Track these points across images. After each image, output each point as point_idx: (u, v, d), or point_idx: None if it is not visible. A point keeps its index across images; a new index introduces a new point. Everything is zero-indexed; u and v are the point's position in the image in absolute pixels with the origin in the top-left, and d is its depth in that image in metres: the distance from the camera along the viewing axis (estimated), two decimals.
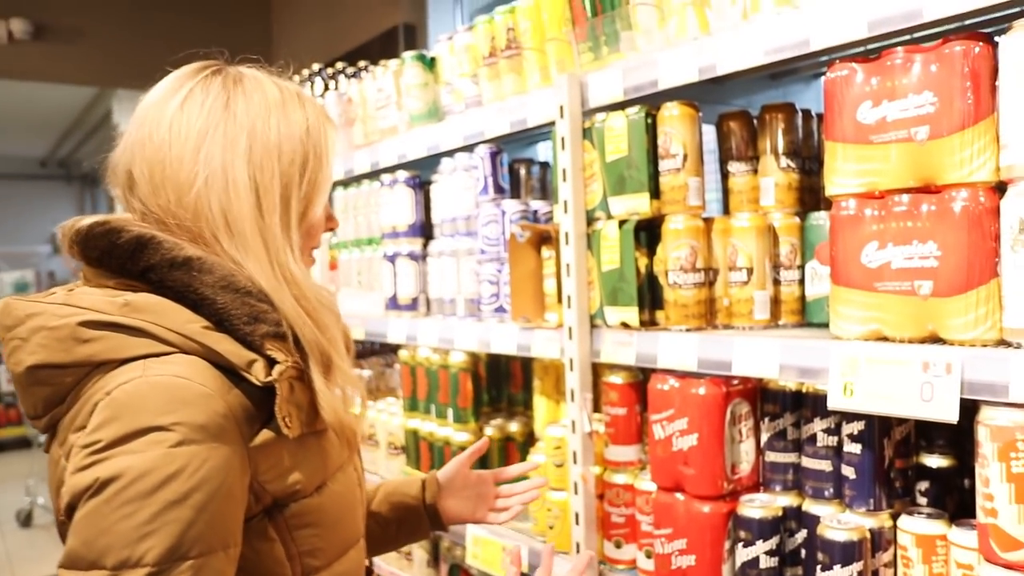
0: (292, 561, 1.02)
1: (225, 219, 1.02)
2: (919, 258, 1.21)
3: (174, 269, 0.97)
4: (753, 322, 1.56)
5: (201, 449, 0.89)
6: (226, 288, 0.97)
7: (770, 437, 1.54)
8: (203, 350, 0.95)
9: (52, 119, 9.95)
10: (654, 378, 1.62)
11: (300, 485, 1.01)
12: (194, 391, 0.91)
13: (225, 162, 1.03)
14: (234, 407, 0.94)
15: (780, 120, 1.61)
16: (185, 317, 0.96)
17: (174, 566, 0.85)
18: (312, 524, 1.03)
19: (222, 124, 1.04)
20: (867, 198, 1.29)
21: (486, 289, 2.08)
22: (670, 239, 1.59)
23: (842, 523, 1.37)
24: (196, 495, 0.87)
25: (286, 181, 1.06)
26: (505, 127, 1.97)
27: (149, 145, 1.04)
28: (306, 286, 1.06)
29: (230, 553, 0.92)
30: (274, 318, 0.99)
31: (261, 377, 0.95)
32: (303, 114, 1.10)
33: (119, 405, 0.89)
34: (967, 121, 1.16)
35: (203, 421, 0.90)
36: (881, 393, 1.22)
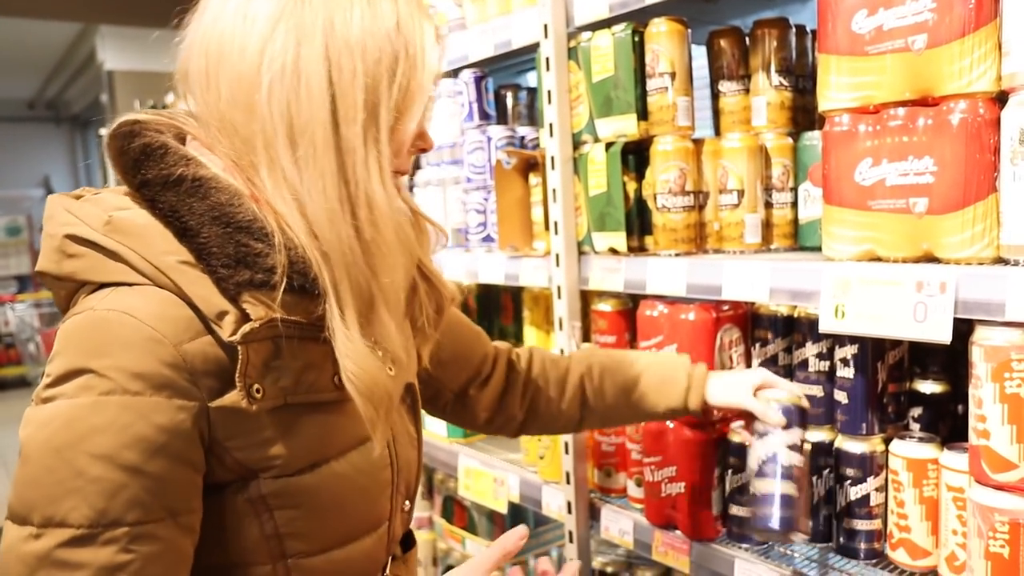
0: (269, 541, 0.89)
1: (290, 125, 0.86)
2: (915, 174, 1.17)
3: (166, 189, 0.85)
4: (744, 246, 1.52)
5: (136, 401, 0.78)
6: (217, 220, 0.84)
7: (761, 363, 1.52)
8: (174, 287, 0.82)
9: (37, 58, 9.75)
10: (643, 304, 1.58)
11: (280, 460, 0.87)
12: (139, 332, 0.79)
13: (298, 57, 0.85)
14: (191, 356, 0.81)
15: (773, 36, 1.54)
16: (165, 247, 0.84)
17: (105, 531, 0.76)
18: (298, 505, 0.90)
19: (297, 11, 0.87)
20: (861, 113, 1.23)
21: (473, 218, 2.03)
22: (658, 161, 1.54)
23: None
24: (127, 453, 0.77)
25: (371, 84, 0.87)
26: (489, 50, 1.90)
27: (210, 31, 0.89)
28: (383, 214, 0.88)
29: (181, 521, 0.81)
30: (267, 264, 0.84)
31: (227, 334, 0.82)
32: (393, 6, 0.91)
33: (66, 338, 0.82)
34: (967, 27, 1.10)
35: (142, 369, 0.78)
36: (873, 314, 1.19)
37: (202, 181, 0.86)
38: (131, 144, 0.87)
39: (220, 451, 0.84)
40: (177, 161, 0.86)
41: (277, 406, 0.86)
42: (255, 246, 0.84)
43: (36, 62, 9.91)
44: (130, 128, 0.89)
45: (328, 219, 0.86)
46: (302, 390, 0.89)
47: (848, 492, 1.38)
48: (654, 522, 1.61)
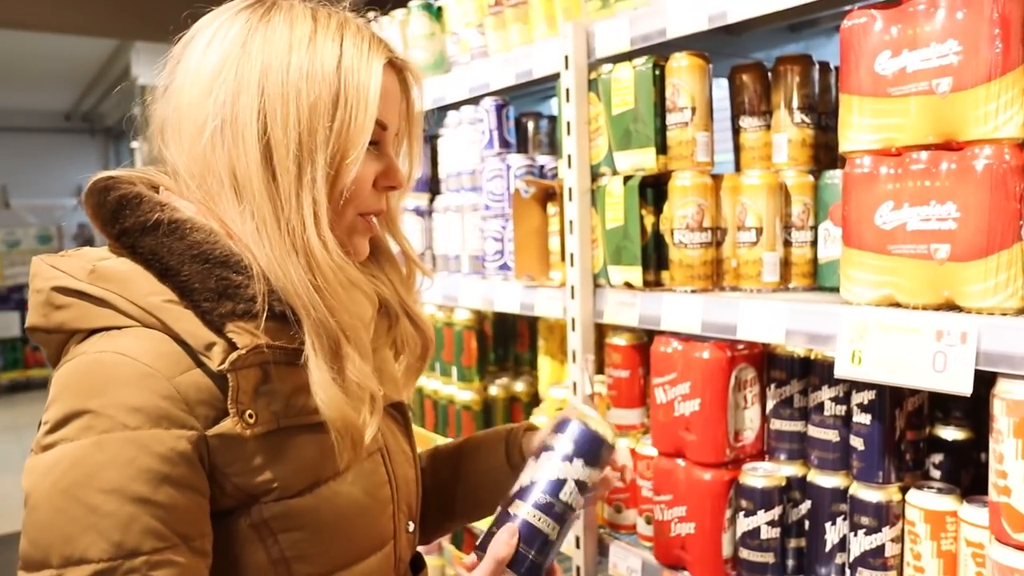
0: (276, 565, 0.91)
1: (233, 175, 0.89)
2: (936, 220, 1.14)
3: (144, 234, 0.88)
4: (762, 284, 1.49)
5: (136, 435, 0.80)
6: (196, 258, 0.87)
7: (776, 404, 1.49)
8: (161, 325, 0.86)
9: (74, 72, 9.96)
10: (657, 340, 1.56)
11: (278, 484, 0.89)
12: (133, 370, 0.82)
13: (235, 109, 0.89)
14: (185, 389, 0.84)
15: (795, 73, 1.52)
16: (148, 288, 0.87)
17: (125, 562, 0.77)
18: (302, 527, 0.91)
19: (235, 64, 0.90)
20: (883, 155, 1.21)
21: (490, 246, 2.02)
22: (676, 196, 1.52)
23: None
24: (135, 485, 0.79)
25: (305, 131, 0.89)
26: (511, 78, 1.90)
27: (172, 87, 0.94)
28: (322, 259, 0.90)
29: (194, 545, 0.84)
30: (248, 294, 0.87)
31: (216, 363, 0.85)
32: (336, 49, 0.92)
33: (60, 385, 0.84)
34: (994, 72, 1.07)
35: (139, 403, 0.81)
36: (891, 361, 1.16)
37: (178, 223, 0.89)
38: (107, 198, 0.91)
39: (220, 478, 0.87)
40: (152, 208, 0.89)
41: (271, 430, 0.89)
42: (235, 278, 0.88)
43: (73, 76, 10.13)
44: (104, 183, 0.92)
45: (279, 264, 0.89)
46: (293, 413, 0.91)
47: (862, 542, 1.34)
48: (662, 561, 1.57)
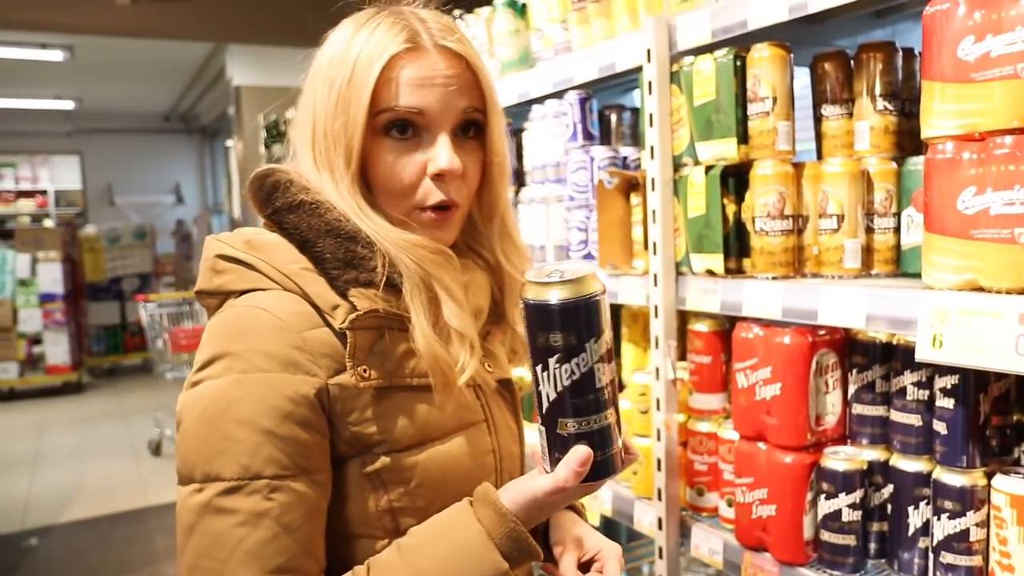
0: (383, 515, 1.00)
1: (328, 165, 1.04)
2: (1020, 204, 1.14)
3: (290, 212, 1.02)
4: (843, 271, 1.51)
5: (268, 377, 0.92)
6: (330, 232, 1.00)
7: (857, 389, 1.50)
8: (297, 288, 0.98)
9: (173, 75, 10.41)
10: (739, 326, 1.59)
11: (390, 437, 0.99)
12: (269, 322, 0.95)
13: (305, 104, 1.06)
14: (312, 342, 0.96)
15: (878, 60, 1.53)
16: (290, 257, 1.00)
17: (250, 482, 0.90)
18: (409, 481, 1.00)
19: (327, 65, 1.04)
20: (966, 140, 1.21)
21: (575, 236, 2.08)
22: (758, 185, 1.55)
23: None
24: (262, 419, 0.91)
25: (322, 115, 1.03)
26: (593, 72, 1.95)
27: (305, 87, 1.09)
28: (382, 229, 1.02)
29: (315, 478, 0.94)
30: (371, 265, 0.99)
31: (339, 322, 0.97)
32: (345, 35, 1.04)
33: (212, 331, 0.98)
34: None
35: (272, 350, 0.93)
36: (973, 346, 1.17)
37: (317, 204, 1.02)
38: (265, 182, 1.06)
39: (339, 424, 0.97)
40: (298, 191, 1.03)
41: (383, 386, 0.99)
42: (360, 252, 1.00)
43: (172, 78, 10.59)
44: (266, 171, 1.07)
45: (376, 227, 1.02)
46: (404, 374, 1.01)
47: (946, 526, 1.35)
48: (744, 543, 1.61)
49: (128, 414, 7.68)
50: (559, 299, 0.86)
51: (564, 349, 0.87)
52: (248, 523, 0.89)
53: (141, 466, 6.02)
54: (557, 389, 0.89)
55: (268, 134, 5.56)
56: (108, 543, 4.63)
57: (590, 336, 0.87)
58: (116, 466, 6.05)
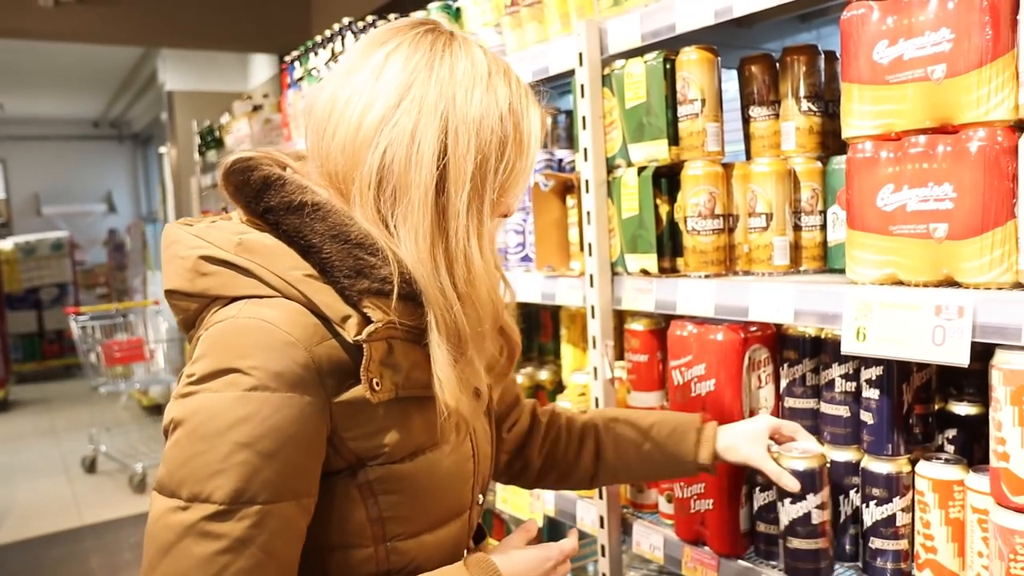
0: (373, 524, 1.00)
1: (396, 182, 0.97)
2: (934, 200, 1.19)
3: (289, 213, 0.97)
4: (773, 268, 1.55)
5: (274, 397, 0.89)
6: (336, 238, 0.96)
7: (789, 383, 1.54)
8: (302, 298, 0.94)
9: (102, 80, 10.15)
10: (673, 324, 1.62)
11: (388, 448, 0.98)
12: (277, 337, 0.91)
13: (417, 125, 0.97)
14: (320, 358, 0.92)
15: (802, 62, 1.57)
16: (291, 263, 0.96)
17: (241, 508, 0.87)
18: (399, 491, 1.00)
19: (424, 84, 0.98)
20: (883, 140, 1.26)
21: (512, 239, 2.09)
22: (689, 185, 1.58)
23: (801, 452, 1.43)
24: (265, 441, 0.88)
25: (481, 159, 0.99)
26: (527, 76, 1.96)
27: (344, 80, 1.01)
28: (479, 275, 1.00)
29: (302, 503, 0.92)
30: (381, 274, 0.96)
31: (352, 334, 0.93)
32: (507, 91, 1.02)
33: (211, 342, 0.93)
34: (985, 58, 1.13)
35: (279, 368, 0.90)
36: (894, 337, 1.21)
37: (319, 205, 0.98)
38: (251, 177, 0.99)
39: (338, 441, 0.96)
40: (295, 190, 0.98)
41: (391, 399, 0.97)
42: (370, 259, 0.96)
43: (101, 83, 10.32)
44: (245, 164, 1.01)
45: (420, 266, 0.97)
46: (410, 385, 0.99)
47: (874, 512, 1.39)
48: (683, 538, 1.64)
49: (59, 431, 7.44)
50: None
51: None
52: (232, 550, 0.86)
53: (74, 485, 5.84)
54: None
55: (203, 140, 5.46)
56: (41, 566, 4.48)
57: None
58: (48, 486, 5.86)
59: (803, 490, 1.40)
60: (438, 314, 0.98)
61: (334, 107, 1.01)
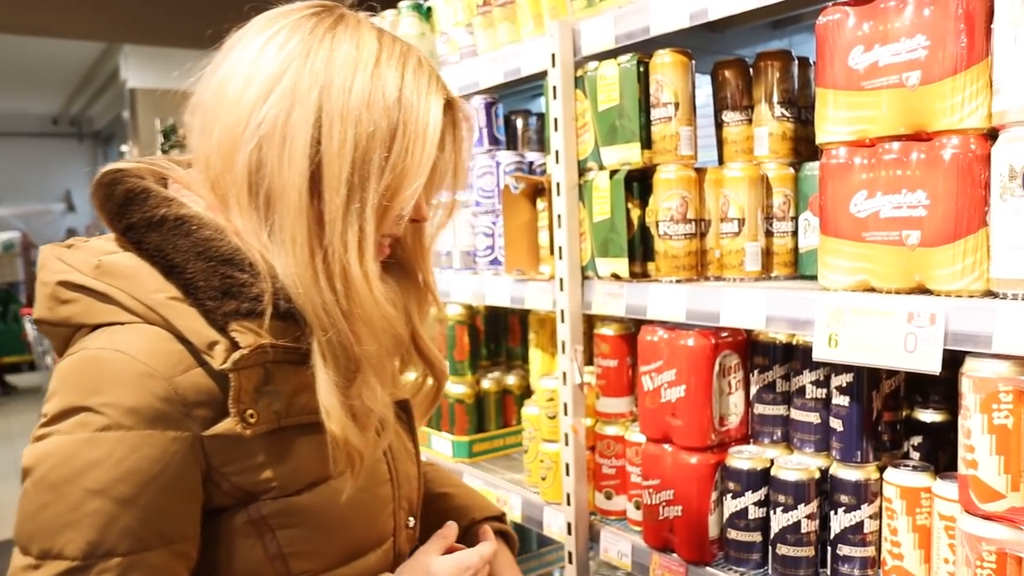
0: (274, 561, 0.91)
1: (267, 185, 0.88)
2: (908, 207, 1.19)
3: (150, 230, 0.88)
4: (744, 273, 1.54)
5: (130, 435, 0.80)
6: (201, 255, 0.87)
7: (759, 389, 1.54)
8: (165, 323, 0.85)
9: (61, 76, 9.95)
10: (643, 330, 1.61)
11: (277, 482, 0.89)
12: (132, 369, 0.82)
13: (287, 120, 0.87)
14: (184, 389, 0.83)
15: (775, 68, 1.57)
16: (154, 285, 0.86)
17: (98, 562, 0.78)
18: (300, 525, 0.91)
19: (296, 73, 0.88)
20: (857, 146, 1.26)
21: (481, 241, 2.06)
22: (661, 189, 1.57)
23: (793, 464, 1.42)
24: (121, 487, 0.79)
25: (360, 157, 0.88)
26: (499, 77, 1.94)
27: (222, 74, 0.92)
28: (361, 289, 0.89)
29: (176, 549, 0.84)
30: (252, 293, 0.87)
31: (218, 362, 0.84)
32: (398, 79, 0.91)
33: (62, 378, 0.84)
34: (959, 65, 1.13)
35: (135, 404, 0.81)
36: (866, 344, 1.21)
37: (184, 219, 0.88)
38: (115, 191, 0.90)
39: (218, 477, 0.87)
40: (159, 203, 0.89)
41: (272, 429, 0.88)
42: (239, 276, 0.87)
43: (61, 79, 10.12)
44: (112, 177, 0.92)
45: (298, 280, 0.88)
46: (295, 412, 0.91)
47: (842, 519, 1.39)
48: (652, 544, 1.62)
49: (15, 436, 7.26)
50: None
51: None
52: None
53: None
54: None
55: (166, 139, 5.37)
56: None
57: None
58: (4, 491, 5.69)
59: (795, 500, 1.41)
60: (321, 335, 0.88)
61: (211, 105, 0.92)
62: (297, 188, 0.87)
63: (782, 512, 1.43)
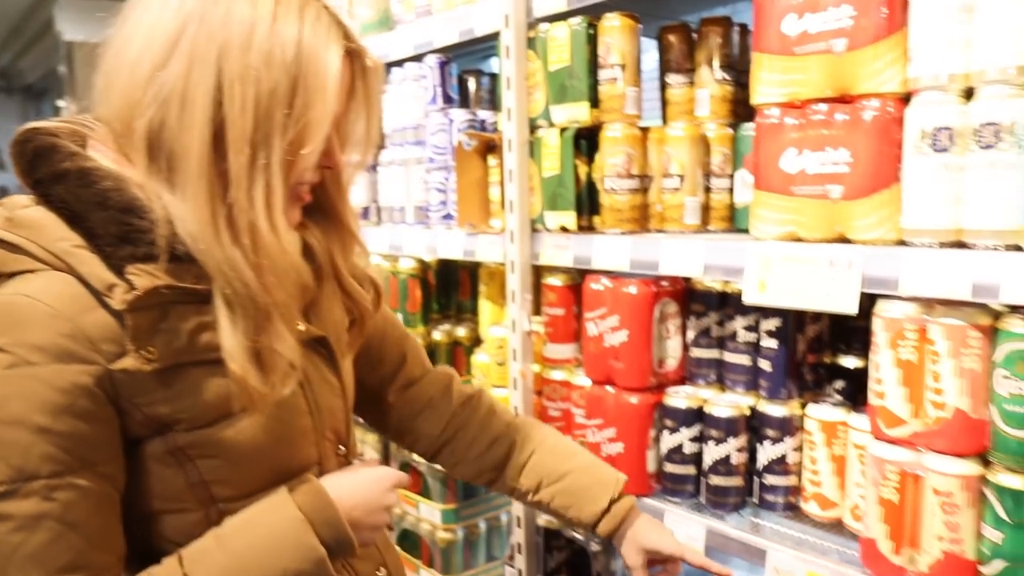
0: (196, 488, 0.97)
1: (169, 147, 0.91)
2: (832, 164, 1.30)
3: (55, 183, 0.92)
4: (684, 227, 1.65)
5: (39, 371, 0.86)
6: (100, 205, 0.91)
7: (695, 334, 1.65)
8: (69, 269, 0.90)
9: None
10: (588, 279, 1.71)
11: (187, 415, 0.94)
12: (36, 311, 0.87)
13: (187, 84, 0.89)
14: (87, 328, 0.88)
15: (717, 34, 1.67)
16: (59, 234, 0.91)
17: (24, 484, 0.85)
18: (215, 455, 0.97)
19: (193, 34, 0.89)
20: (788, 107, 1.37)
21: (434, 197, 2.13)
22: (607, 146, 1.66)
23: (725, 402, 1.55)
24: (35, 417, 0.85)
25: (263, 115, 0.90)
26: (454, 36, 2.00)
27: (120, 36, 0.94)
28: (270, 242, 0.92)
29: (99, 471, 0.90)
30: (150, 238, 0.91)
31: (116, 303, 0.89)
32: (297, 29, 0.92)
33: None
34: (880, 34, 1.24)
35: (40, 342, 0.86)
36: (791, 289, 1.33)
37: (86, 172, 0.92)
38: (26, 148, 0.95)
39: (130, 408, 0.92)
40: (64, 158, 0.93)
41: (172, 365, 0.93)
42: (137, 223, 0.91)
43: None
44: (25, 135, 0.96)
45: (200, 237, 0.91)
46: (198, 350, 0.95)
47: (768, 451, 1.52)
48: None
49: None
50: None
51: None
52: (26, 527, 0.85)
53: None
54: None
55: None
56: None
57: None
58: None
59: (726, 435, 1.54)
60: (223, 284, 0.92)
61: (112, 67, 0.94)
62: (198, 150, 0.90)
63: (714, 446, 1.56)
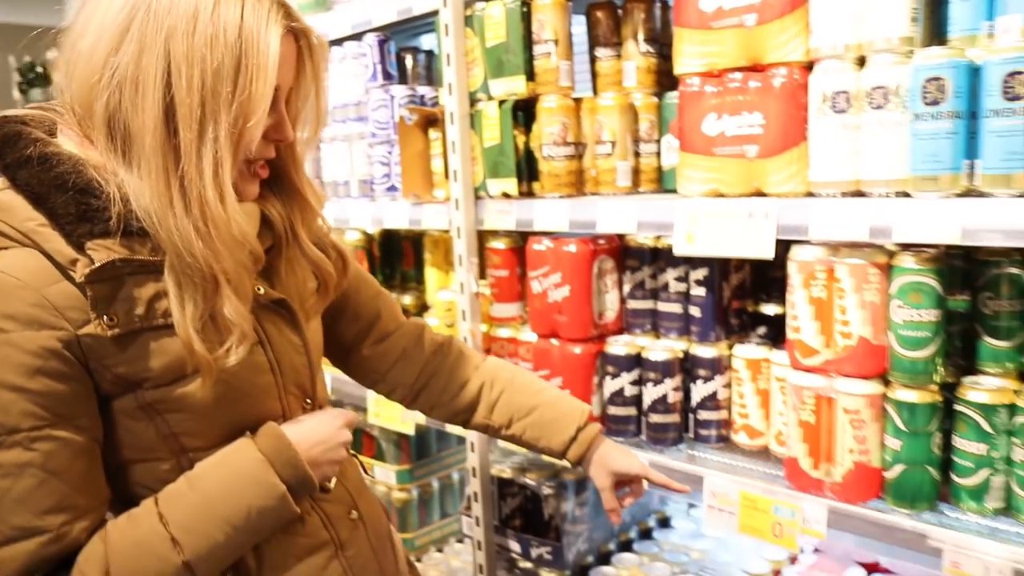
0: (166, 440, 1.06)
1: (124, 127, 0.99)
2: (747, 126, 1.46)
3: (20, 168, 1.00)
4: (617, 189, 1.79)
5: (10, 337, 0.94)
6: (60, 187, 0.99)
7: (631, 288, 1.80)
8: (36, 245, 0.98)
9: None
10: (531, 240, 1.84)
11: (151, 375, 1.02)
12: (6, 283, 0.95)
13: (138, 68, 0.97)
14: (53, 298, 0.97)
15: (641, 10, 1.80)
16: (26, 215, 0.99)
17: (7, 437, 0.94)
18: (181, 410, 1.05)
19: (141, 21, 0.97)
20: (708, 76, 1.51)
21: (378, 170, 2.23)
22: (544, 117, 1.79)
23: (661, 347, 1.69)
24: (10, 377, 0.94)
25: (210, 93, 0.98)
26: (392, 15, 2.09)
27: (75, 27, 1.01)
28: (217, 212, 1.00)
29: (76, 424, 0.99)
30: (107, 216, 0.99)
31: (78, 277, 0.98)
32: (238, 13, 0.99)
33: None
34: (785, 9, 1.39)
35: (11, 311, 0.94)
36: (716, 239, 1.48)
37: (47, 156, 1.01)
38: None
39: (100, 369, 1.01)
40: (28, 144, 1.01)
41: (133, 330, 1.01)
42: (94, 203, 0.99)
43: None
44: None
45: (152, 211, 0.99)
46: (158, 315, 1.03)
47: (701, 389, 1.68)
48: None
49: None
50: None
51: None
52: (11, 475, 0.94)
53: None
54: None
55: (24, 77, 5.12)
56: None
57: None
58: None
59: (662, 376, 1.68)
60: (173, 255, 1.00)
61: (69, 57, 1.02)
62: (151, 129, 0.98)
63: (652, 387, 1.71)
